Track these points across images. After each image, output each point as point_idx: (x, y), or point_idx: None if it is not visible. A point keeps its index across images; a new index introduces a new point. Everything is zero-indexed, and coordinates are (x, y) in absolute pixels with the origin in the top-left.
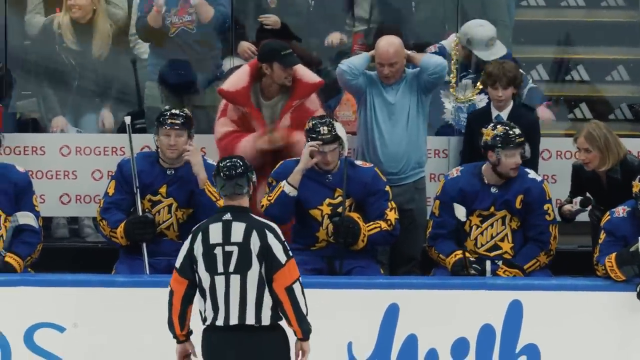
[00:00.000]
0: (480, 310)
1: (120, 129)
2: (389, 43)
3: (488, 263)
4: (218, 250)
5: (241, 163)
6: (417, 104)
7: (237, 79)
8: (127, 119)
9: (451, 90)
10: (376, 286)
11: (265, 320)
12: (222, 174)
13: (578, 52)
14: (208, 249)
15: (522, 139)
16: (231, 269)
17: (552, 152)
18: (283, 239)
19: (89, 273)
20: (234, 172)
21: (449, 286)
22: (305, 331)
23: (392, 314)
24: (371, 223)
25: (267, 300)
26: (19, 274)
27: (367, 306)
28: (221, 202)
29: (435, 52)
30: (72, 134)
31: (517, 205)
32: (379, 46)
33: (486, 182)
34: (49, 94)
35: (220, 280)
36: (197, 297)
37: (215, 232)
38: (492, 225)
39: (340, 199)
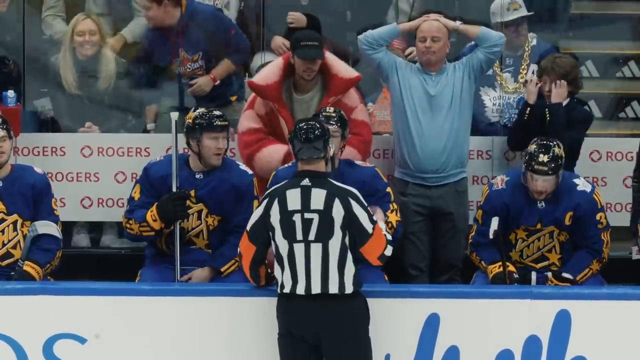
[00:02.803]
0: (526, 321)
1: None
2: (431, 20)
3: (534, 274)
4: (297, 217)
5: (318, 126)
6: (460, 97)
7: (269, 72)
8: (174, 115)
9: (499, 79)
10: (415, 295)
11: (348, 288)
12: (299, 137)
13: (629, 48)
14: (286, 215)
15: (547, 167)
16: (311, 237)
17: (602, 153)
18: (366, 205)
19: (111, 281)
20: (311, 135)
21: (493, 295)
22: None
23: (432, 324)
24: None
25: (350, 268)
26: (39, 282)
27: (406, 316)
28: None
29: None
30: (94, 134)
31: (567, 222)
32: (422, 23)
33: (532, 197)
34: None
35: (299, 248)
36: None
37: (294, 198)
38: (538, 239)
39: None
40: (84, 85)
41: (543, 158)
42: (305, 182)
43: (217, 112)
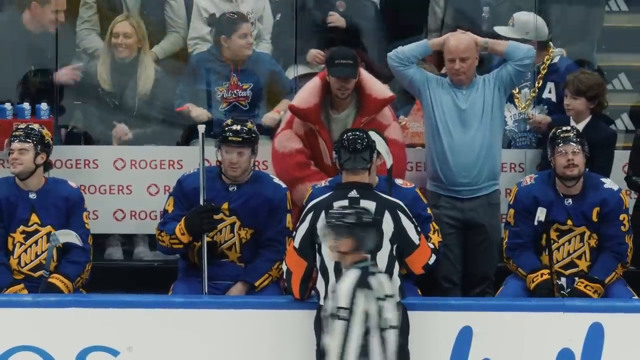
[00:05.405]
0: (559, 334)
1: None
2: (459, 37)
3: (564, 281)
4: None
5: (365, 136)
6: (490, 110)
7: (309, 94)
8: (201, 128)
9: (516, 100)
10: (448, 308)
11: (395, 297)
12: (348, 146)
13: None
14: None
15: (573, 134)
16: None
17: None
18: (411, 216)
19: (144, 293)
20: (359, 146)
21: (525, 308)
22: None
23: (465, 337)
24: None
25: (396, 279)
26: (72, 295)
27: (438, 329)
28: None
29: None
30: (126, 146)
31: (594, 218)
32: (449, 41)
33: (560, 192)
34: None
35: None
36: None
37: None
38: (569, 241)
39: None
40: (120, 88)
41: (566, 128)
42: (353, 193)
43: (236, 127)
